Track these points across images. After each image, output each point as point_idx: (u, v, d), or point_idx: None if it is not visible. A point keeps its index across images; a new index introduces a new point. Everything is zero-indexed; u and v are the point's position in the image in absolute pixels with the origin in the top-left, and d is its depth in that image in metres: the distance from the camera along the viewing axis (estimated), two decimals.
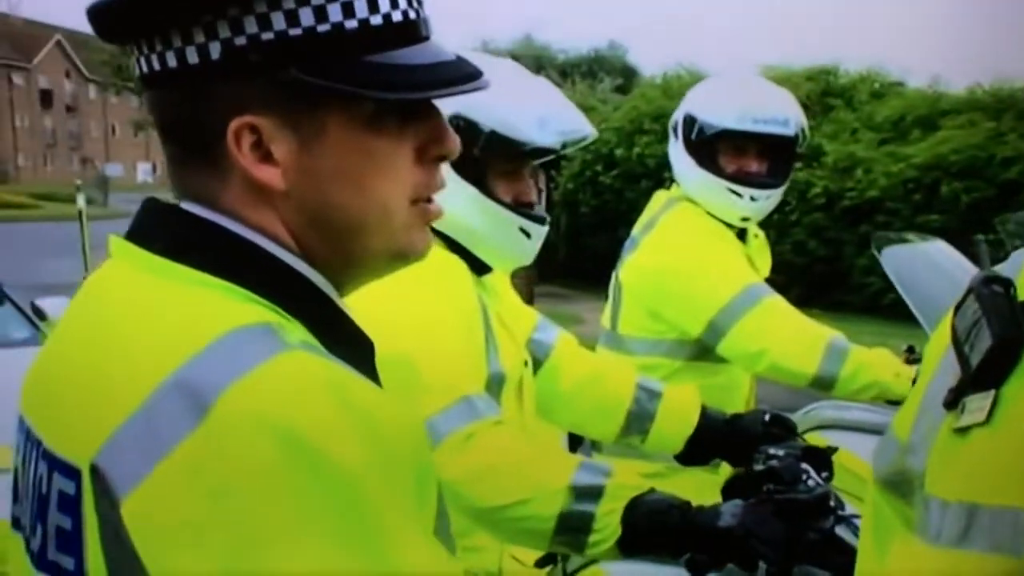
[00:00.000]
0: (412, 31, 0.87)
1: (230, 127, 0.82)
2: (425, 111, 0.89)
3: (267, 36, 0.81)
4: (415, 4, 0.87)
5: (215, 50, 0.81)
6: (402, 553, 0.75)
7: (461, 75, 0.88)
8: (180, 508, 0.71)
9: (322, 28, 0.81)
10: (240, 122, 0.82)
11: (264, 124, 0.82)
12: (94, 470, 0.75)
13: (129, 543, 0.73)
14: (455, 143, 0.91)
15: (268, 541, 0.70)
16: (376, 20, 0.83)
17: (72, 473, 0.78)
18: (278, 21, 0.80)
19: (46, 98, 68.89)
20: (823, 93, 13.66)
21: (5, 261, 10.55)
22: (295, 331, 0.82)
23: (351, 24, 0.82)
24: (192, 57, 0.81)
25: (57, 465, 0.80)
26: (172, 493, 0.71)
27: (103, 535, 0.75)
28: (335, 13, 0.82)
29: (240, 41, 0.80)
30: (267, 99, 0.82)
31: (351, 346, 0.87)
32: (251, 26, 0.80)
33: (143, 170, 71.01)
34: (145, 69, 0.84)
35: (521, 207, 1.70)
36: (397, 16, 0.85)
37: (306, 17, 0.81)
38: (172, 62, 0.82)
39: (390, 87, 0.84)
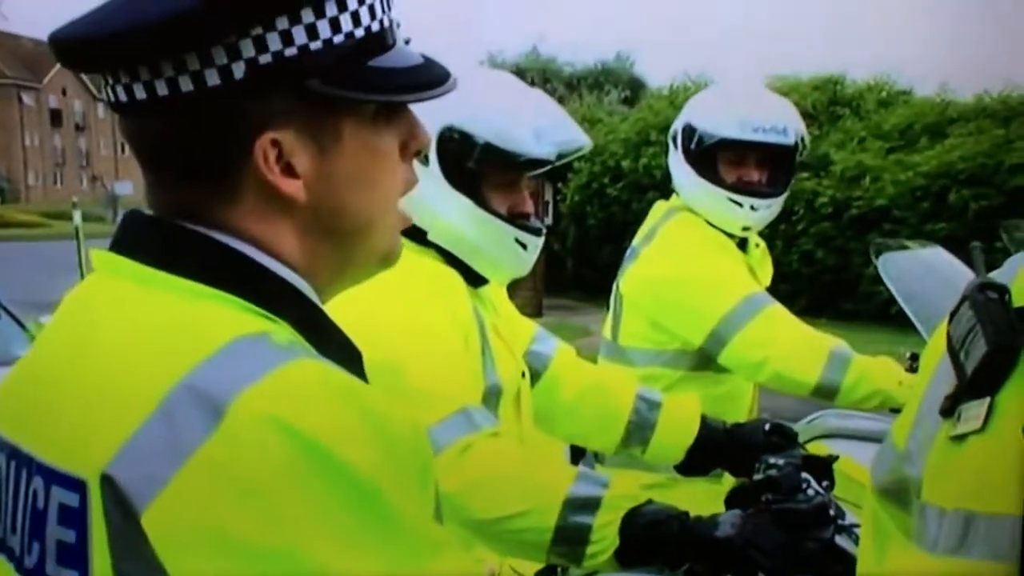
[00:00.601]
0: (392, 36, 0.89)
1: (257, 144, 0.82)
2: (403, 109, 0.92)
3: (290, 52, 0.81)
4: (387, 9, 0.90)
5: (239, 70, 0.81)
6: (420, 551, 0.77)
7: (442, 74, 0.92)
8: (204, 512, 0.72)
9: (337, 39, 0.83)
10: (266, 138, 0.82)
11: (285, 138, 0.83)
12: (106, 480, 0.75)
13: (149, 551, 0.73)
14: (428, 137, 0.96)
15: (291, 543, 0.72)
16: (375, 27, 0.86)
17: (76, 485, 0.77)
18: (299, 36, 0.81)
19: (56, 117, 69.32)
20: (830, 102, 13.66)
21: (15, 279, 10.59)
22: (293, 340, 0.83)
23: (359, 33, 0.85)
24: (212, 79, 0.80)
25: (56, 478, 0.80)
26: (195, 498, 0.72)
27: (112, 546, 0.75)
28: (346, 23, 0.84)
29: (265, 59, 0.81)
30: (287, 113, 0.83)
31: (342, 354, 0.88)
32: (275, 43, 0.81)
33: None
34: (143, 95, 0.82)
35: (517, 218, 1.70)
36: (386, 23, 0.88)
37: (324, 29, 0.82)
38: (187, 86, 0.81)
39: (398, 89, 0.88)
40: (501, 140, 1.63)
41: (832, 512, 1.59)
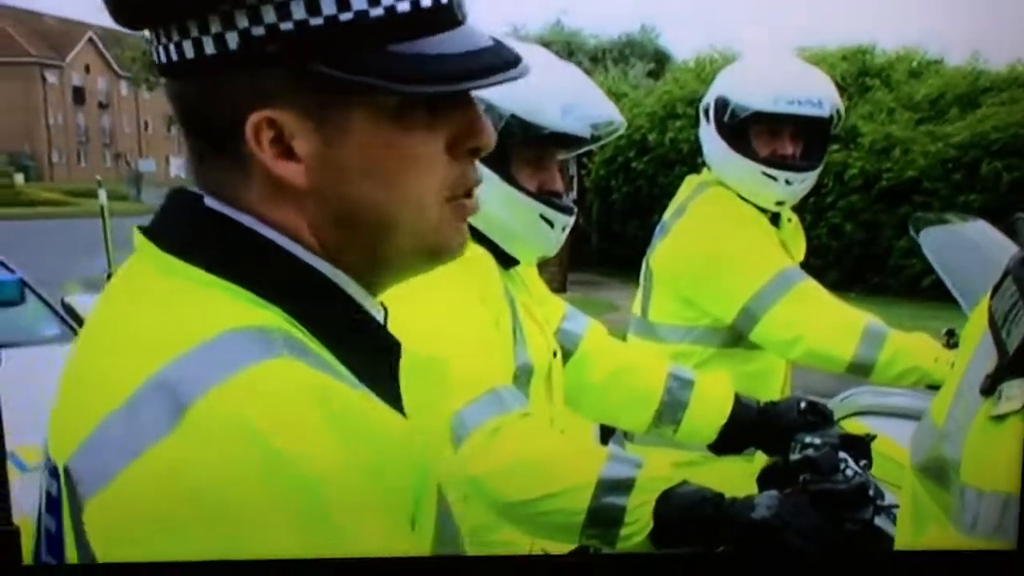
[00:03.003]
0: (444, 16, 0.81)
1: (248, 121, 0.78)
2: (458, 101, 0.83)
3: (286, 26, 0.76)
4: None
5: (232, 40, 0.76)
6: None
7: (494, 63, 0.82)
8: (147, 510, 0.69)
9: (344, 17, 0.76)
10: (259, 116, 0.77)
11: (285, 118, 0.78)
12: (66, 471, 0.74)
13: (87, 545, 0.72)
14: (490, 136, 0.85)
15: (234, 545, 0.69)
16: (403, 7, 0.78)
17: (56, 473, 0.77)
18: (298, 10, 0.75)
19: (79, 95, 69.72)
20: (859, 73, 13.51)
21: (41, 257, 10.67)
22: (287, 335, 0.78)
23: (376, 12, 0.77)
24: (209, 47, 0.77)
25: (48, 464, 0.80)
26: (139, 495, 0.70)
27: (76, 537, 0.74)
28: (359, 1, 0.76)
29: (258, 31, 0.76)
30: (288, 92, 0.77)
31: (366, 351, 0.84)
32: (269, 15, 0.76)
33: (176, 165, 71.64)
34: (163, 59, 0.81)
35: (545, 195, 1.67)
36: (426, 2, 0.79)
37: (328, 5, 0.76)
38: (190, 52, 0.78)
39: (416, 79, 0.78)
40: (526, 112, 1.60)
41: (871, 493, 1.56)
